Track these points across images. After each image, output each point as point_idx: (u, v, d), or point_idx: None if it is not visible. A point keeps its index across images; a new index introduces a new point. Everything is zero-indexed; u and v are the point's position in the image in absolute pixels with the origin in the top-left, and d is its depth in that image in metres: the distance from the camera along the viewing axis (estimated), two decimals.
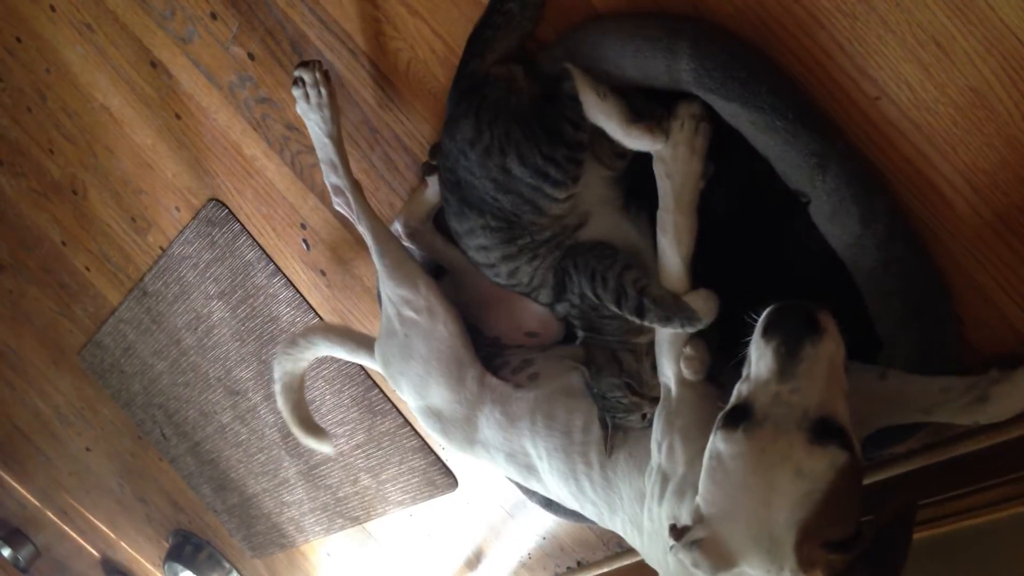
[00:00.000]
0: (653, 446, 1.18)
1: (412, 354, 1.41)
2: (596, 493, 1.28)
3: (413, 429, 2.01)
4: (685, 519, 1.02)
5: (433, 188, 1.45)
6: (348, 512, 2.35)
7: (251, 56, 1.63)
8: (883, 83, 1.04)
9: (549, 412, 1.32)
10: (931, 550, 1.25)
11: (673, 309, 1.13)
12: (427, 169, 1.45)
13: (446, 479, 2.02)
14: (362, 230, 1.44)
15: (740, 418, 0.93)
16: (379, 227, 1.43)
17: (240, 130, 1.77)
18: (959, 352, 1.13)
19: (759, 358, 0.94)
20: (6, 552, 4.21)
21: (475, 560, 2.18)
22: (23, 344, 2.95)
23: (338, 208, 1.47)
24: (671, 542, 0.96)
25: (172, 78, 1.79)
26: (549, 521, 1.93)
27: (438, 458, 2.01)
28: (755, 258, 1.20)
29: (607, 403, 1.23)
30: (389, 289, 1.41)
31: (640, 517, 1.20)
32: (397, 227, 1.51)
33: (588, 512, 1.34)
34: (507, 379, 1.40)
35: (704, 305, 1.12)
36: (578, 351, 1.35)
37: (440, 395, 1.42)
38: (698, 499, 0.97)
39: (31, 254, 2.53)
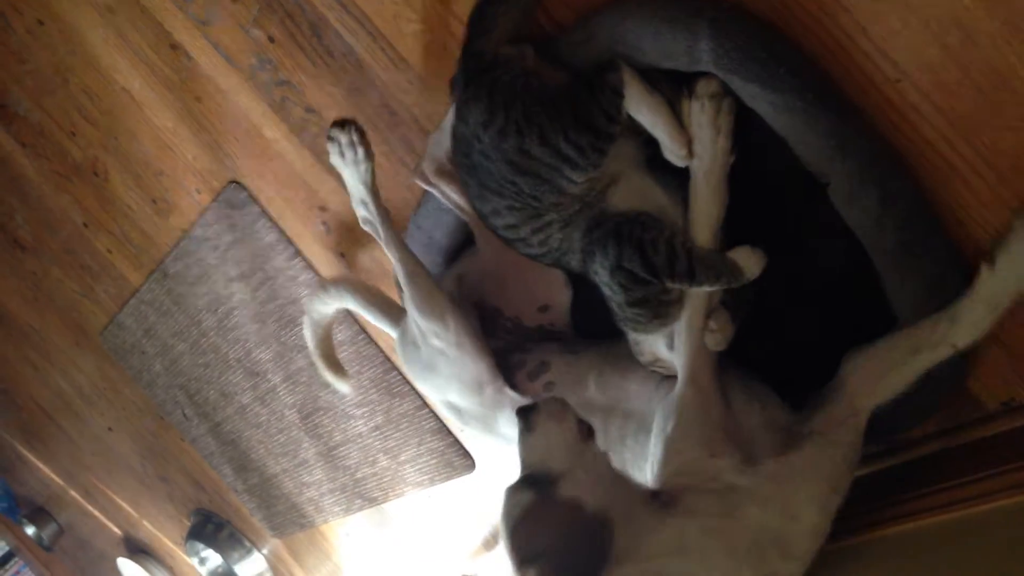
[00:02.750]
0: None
1: (436, 370, 1.43)
2: None
3: (431, 411, 2.02)
4: None
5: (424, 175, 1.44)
6: (366, 493, 2.37)
7: (271, 39, 1.64)
8: (904, 65, 1.04)
9: None
10: (950, 533, 1.25)
11: (722, 266, 1.12)
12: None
13: (464, 461, 2.04)
14: (390, 256, 1.43)
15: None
16: (409, 258, 1.42)
17: (260, 113, 1.78)
18: None
19: None
20: (30, 530, 4.26)
21: (493, 540, 2.20)
22: (46, 325, 2.98)
23: (369, 232, 1.47)
24: None
25: (192, 60, 1.80)
26: None
27: (456, 440, 2.02)
28: (771, 238, 1.20)
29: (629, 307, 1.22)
30: (416, 318, 1.40)
31: None
32: (424, 166, 1.47)
33: None
34: (524, 388, 1.41)
35: (749, 260, 1.12)
36: (591, 354, 1.37)
37: (458, 399, 1.44)
38: None
39: (54, 236, 2.55)
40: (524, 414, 1.14)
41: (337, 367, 1.75)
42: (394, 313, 1.60)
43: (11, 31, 2.10)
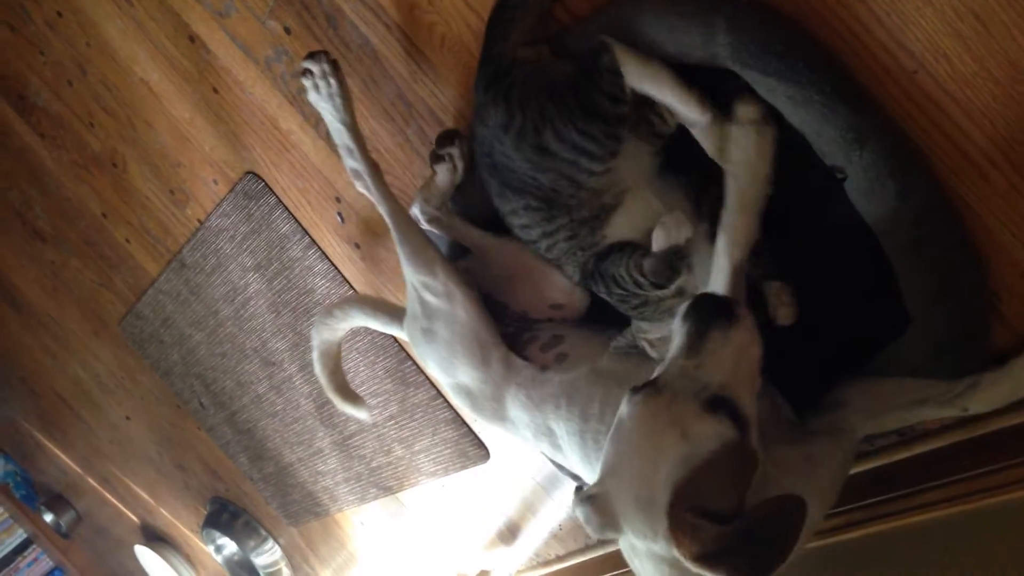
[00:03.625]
0: None
1: (435, 337, 1.43)
2: None
3: (445, 401, 2.03)
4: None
5: (442, 177, 1.44)
6: (381, 482, 2.39)
7: (287, 30, 1.65)
8: (921, 56, 1.03)
9: (571, 397, 1.32)
10: (966, 524, 1.25)
11: (666, 259, 1.14)
12: (434, 158, 1.45)
13: (478, 451, 2.04)
14: (382, 213, 1.45)
15: (645, 386, 0.99)
16: (398, 212, 1.44)
17: (276, 104, 1.79)
18: (989, 330, 1.13)
19: (677, 336, 1.00)
20: (48, 517, 4.30)
21: (506, 530, 2.20)
22: (65, 314, 3.01)
23: (361, 191, 1.48)
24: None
25: (210, 52, 1.81)
26: None
27: (470, 430, 2.03)
28: (788, 232, 1.20)
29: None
30: (409, 275, 1.42)
31: None
32: (415, 213, 1.51)
33: None
34: (535, 358, 1.40)
35: (672, 228, 1.13)
36: (606, 328, 1.36)
37: (467, 374, 1.43)
38: (600, 461, 1.02)
39: (73, 226, 2.57)
40: (714, 306, 1.00)
41: (352, 396, 1.76)
42: (401, 314, 1.62)
43: (30, 22, 2.12)
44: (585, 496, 0.99)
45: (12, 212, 2.73)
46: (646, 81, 1.10)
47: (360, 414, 1.77)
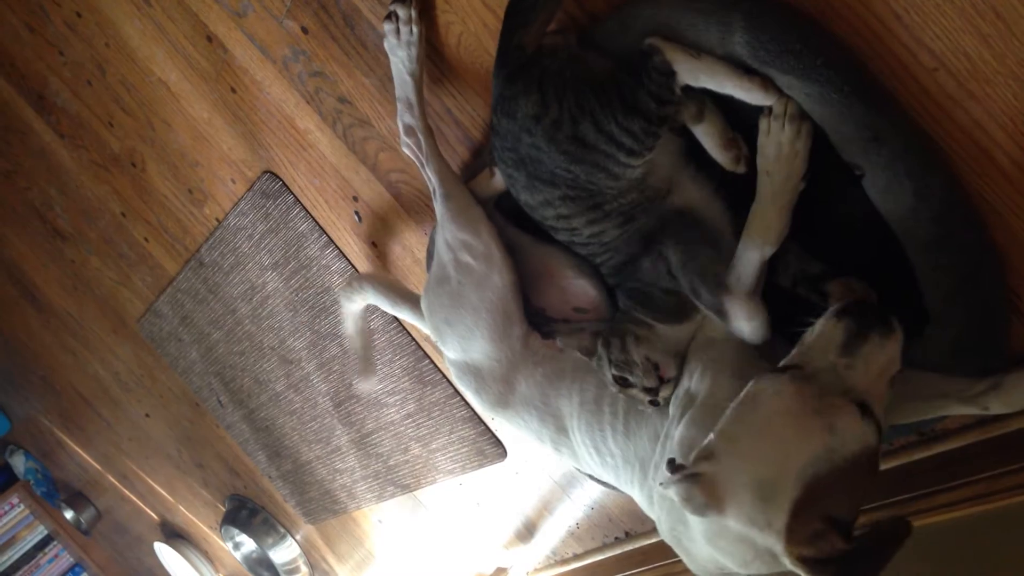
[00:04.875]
0: (686, 371, 1.20)
1: (462, 302, 1.42)
2: (616, 442, 1.29)
3: (463, 399, 2.03)
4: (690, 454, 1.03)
5: (500, 176, 1.44)
6: (399, 480, 2.39)
7: (304, 30, 1.65)
8: (941, 54, 1.03)
9: (589, 367, 1.33)
10: (985, 524, 1.24)
11: (712, 304, 1.14)
12: (492, 159, 1.45)
13: (495, 449, 2.05)
14: (428, 173, 1.45)
15: (789, 368, 0.96)
16: (447, 171, 1.44)
17: (294, 103, 1.79)
18: (1007, 329, 1.12)
19: (825, 330, 0.98)
20: (69, 514, 4.33)
21: (524, 529, 2.21)
22: (85, 312, 3.03)
23: (405, 149, 1.48)
24: (665, 475, 0.97)
25: (227, 52, 1.82)
26: (597, 491, 1.94)
27: (487, 428, 2.03)
28: (805, 228, 1.19)
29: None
30: (449, 233, 1.41)
31: (652, 456, 1.22)
32: None
33: (606, 466, 1.34)
34: (550, 346, 1.41)
35: (743, 312, 1.13)
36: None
37: (483, 349, 1.42)
38: (712, 435, 0.97)
39: (92, 225, 2.59)
40: (876, 313, 0.99)
41: (370, 361, 1.80)
42: (410, 297, 1.64)
43: (49, 23, 2.13)
44: (691, 473, 0.94)
45: (33, 211, 2.75)
46: (703, 76, 1.09)
47: (366, 381, 1.81)
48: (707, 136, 1.17)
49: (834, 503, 0.89)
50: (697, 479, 0.93)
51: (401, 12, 1.40)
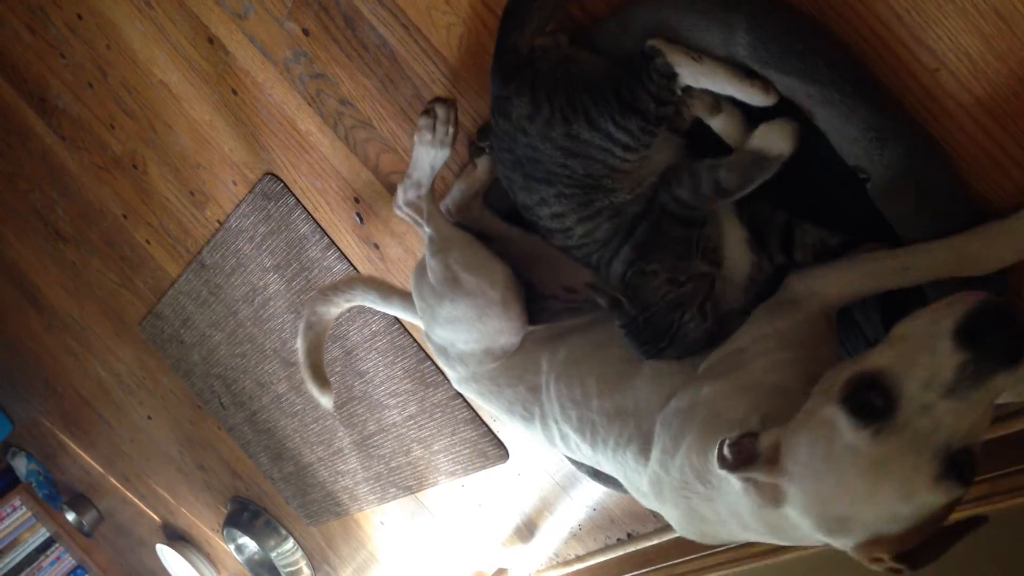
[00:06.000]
0: (744, 330, 1.16)
1: (458, 320, 1.41)
2: (603, 409, 1.26)
3: (464, 401, 2.04)
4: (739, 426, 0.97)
5: (483, 168, 1.45)
6: (401, 482, 2.39)
7: (306, 32, 1.65)
8: (942, 54, 1.02)
9: (586, 337, 1.33)
10: (986, 525, 1.24)
11: (746, 161, 1.12)
12: (476, 151, 1.45)
13: (497, 451, 2.05)
14: (429, 231, 1.44)
15: (877, 414, 0.81)
16: (450, 230, 1.45)
17: (295, 105, 1.79)
18: None
19: (937, 354, 0.79)
20: (71, 516, 4.33)
21: (526, 530, 2.20)
22: (86, 315, 3.03)
23: (398, 213, 1.49)
24: (726, 456, 0.90)
25: (229, 54, 1.82)
26: (599, 492, 1.94)
27: (489, 430, 2.03)
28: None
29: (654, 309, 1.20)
30: (465, 279, 1.40)
31: (654, 429, 1.15)
32: (448, 203, 1.51)
33: (586, 441, 1.30)
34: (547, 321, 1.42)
35: (775, 135, 1.09)
36: None
37: (466, 344, 1.43)
38: (785, 451, 0.89)
39: (93, 227, 2.59)
40: (1009, 342, 0.77)
41: (322, 378, 1.71)
42: (401, 293, 1.65)
43: (50, 25, 2.13)
44: (753, 479, 0.89)
45: (34, 213, 2.75)
46: (703, 78, 1.10)
47: (322, 400, 1.71)
48: (725, 128, 1.17)
49: (900, 546, 0.84)
50: (760, 487, 0.90)
51: (440, 112, 1.40)
